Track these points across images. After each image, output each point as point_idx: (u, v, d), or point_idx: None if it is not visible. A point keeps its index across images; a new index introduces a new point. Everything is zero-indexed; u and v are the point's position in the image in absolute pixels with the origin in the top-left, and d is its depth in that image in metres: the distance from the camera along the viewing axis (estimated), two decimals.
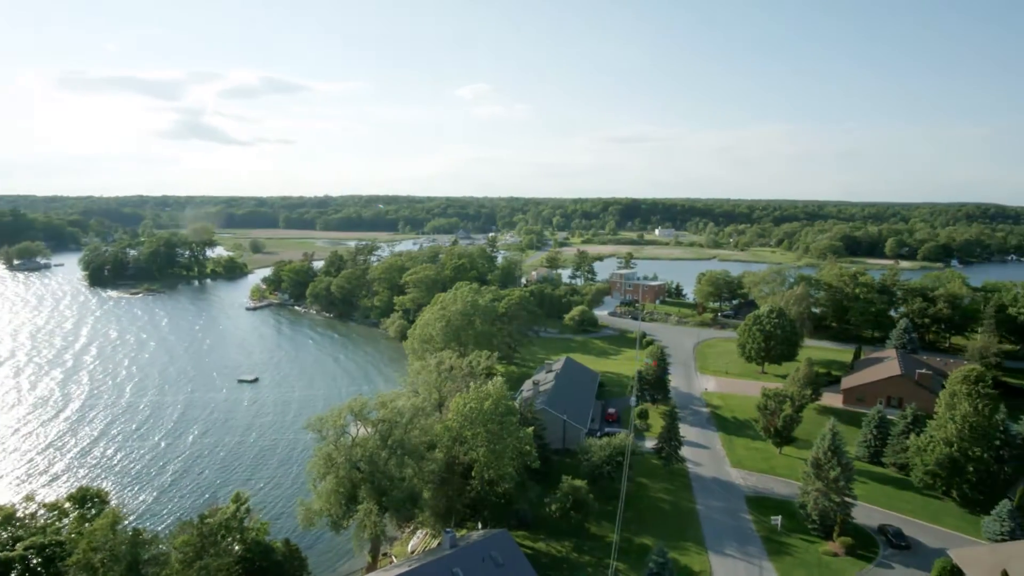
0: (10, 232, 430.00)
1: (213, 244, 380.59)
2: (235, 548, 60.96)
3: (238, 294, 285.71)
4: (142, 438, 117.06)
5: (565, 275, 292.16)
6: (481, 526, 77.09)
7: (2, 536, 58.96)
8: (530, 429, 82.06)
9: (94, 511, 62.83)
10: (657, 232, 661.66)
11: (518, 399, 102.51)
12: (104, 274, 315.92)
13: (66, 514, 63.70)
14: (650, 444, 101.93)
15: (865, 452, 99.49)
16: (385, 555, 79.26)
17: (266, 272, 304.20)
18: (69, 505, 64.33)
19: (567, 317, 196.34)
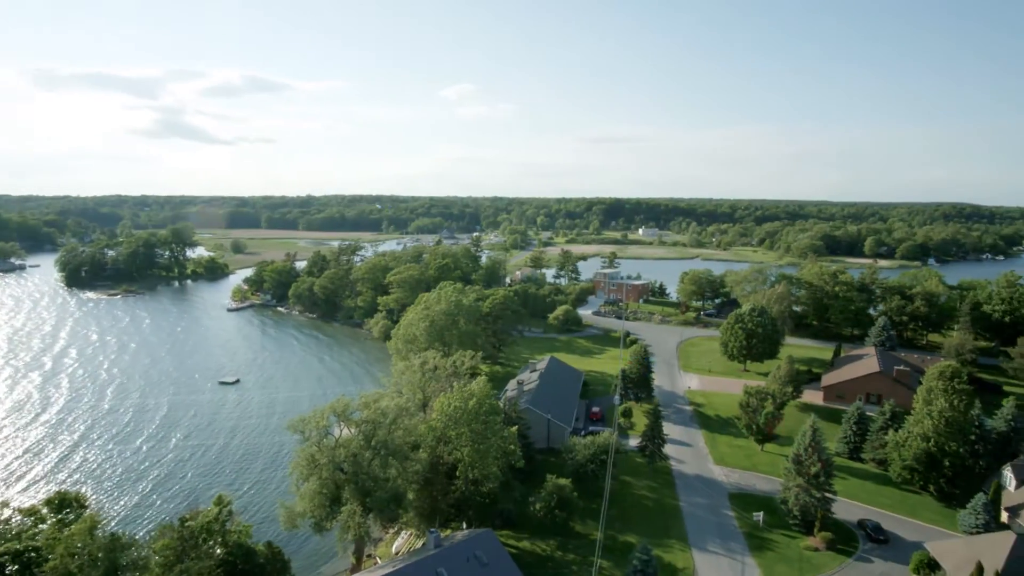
0: None
1: (194, 244, 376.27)
2: (217, 551, 60.42)
3: (219, 295, 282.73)
4: (124, 442, 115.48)
5: (549, 275, 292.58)
6: (466, 526, 77.06)
7: None
8: (514, 428, 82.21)
9: (72, 516, 61.95)
10: (641, 232, 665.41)
11: (502, 399, 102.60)
12: (81, 275, 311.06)
13: (43, 520, 62.71)
14: (634, 442, 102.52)
15: (845, 448, 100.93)
16: (369, 556, 78.97)
17: (248, 273, 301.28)
18: (46, 511, 63.34)
19: (551, 316, 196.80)
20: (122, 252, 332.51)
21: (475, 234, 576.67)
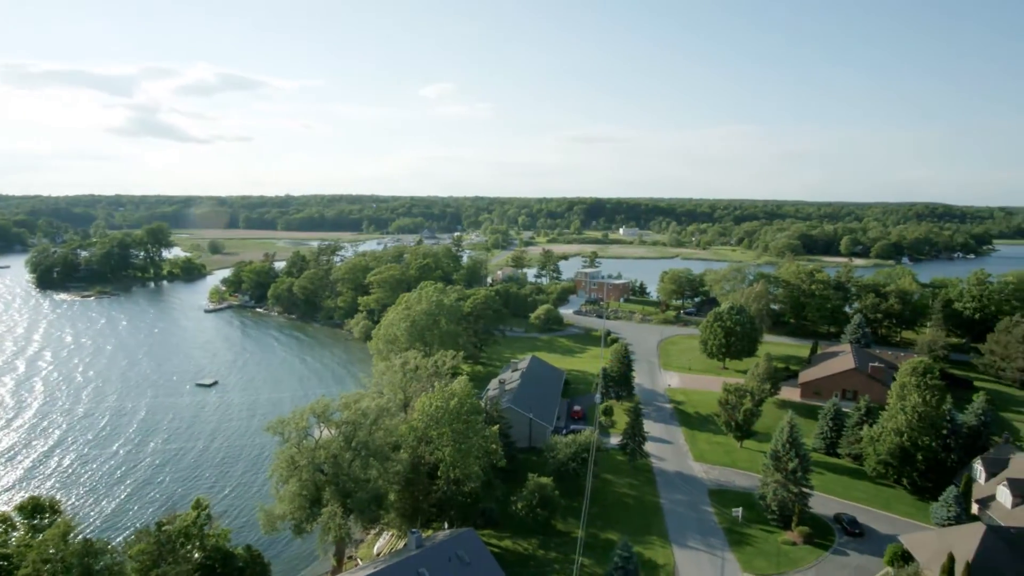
0: None
1: (169, 245, 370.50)
2: (195, 556, 59.61)
3: (197, 296, 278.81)
4: (100, 446, 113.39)
5: (530, 274, 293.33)
6: (447, 526, 76.97)
7: None
8: (496, 428, 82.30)
9: (46, 522, 60.62)
10: (621, 231, 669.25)
11: (484, 398, 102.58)
12: (53, 276, 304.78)
13: (15, 527, 61.25)
14: (615, 440, 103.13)
15: (822, 444, 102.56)
16: (350, 558, 78.55)
17: (226, 273, 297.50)
18: (18, 517, 61.89)
19: (533, 316, 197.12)
20: (96, 253, 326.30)
21: (456, 234, 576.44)
